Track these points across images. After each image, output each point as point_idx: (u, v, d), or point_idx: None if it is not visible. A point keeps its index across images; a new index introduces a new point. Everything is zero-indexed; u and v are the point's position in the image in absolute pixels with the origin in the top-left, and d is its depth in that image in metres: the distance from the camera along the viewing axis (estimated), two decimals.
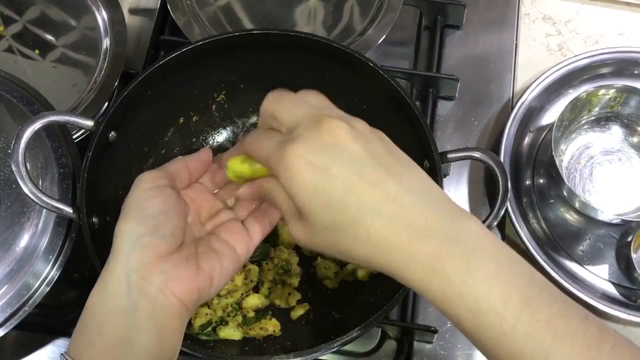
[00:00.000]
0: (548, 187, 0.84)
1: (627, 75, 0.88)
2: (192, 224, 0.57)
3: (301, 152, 0.46)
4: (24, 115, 0.75)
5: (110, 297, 0.49)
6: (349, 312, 0.73)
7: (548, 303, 0.43)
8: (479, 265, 0.44)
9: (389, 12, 0.88)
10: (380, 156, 0.47)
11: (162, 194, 0.53)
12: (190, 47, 0.72)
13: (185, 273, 0.50)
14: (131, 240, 0.50)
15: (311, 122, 0.47)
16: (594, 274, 0.80)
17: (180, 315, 0.50)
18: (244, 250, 0.56)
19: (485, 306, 0.43)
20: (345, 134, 0.46)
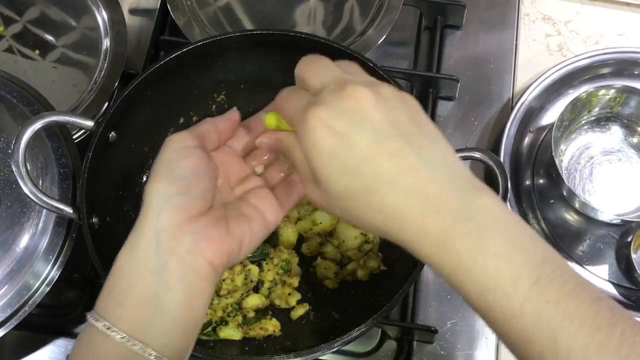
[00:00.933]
0: (548, 187, 0.84)
1: (627, 76, 0.88)
2: (221, 187, 0.56)
3: (322, 116, 0.45)
4: (24, 116, 0.75)
5: (139, 256, 0.48)
6: (349, 312, 0.73)
7: (560, 283, 0.42)
8: (490, 244, 0.43)
9: (389, 12, 0.88)
10: (403, 125, 0.46)
11: (193, 155, 0.52)
12: (190, 47, 0.72)
13: (215, 234, 0.50)
14: (161, 200, 0.49)
15: (336, 87, 0.47)
16: (594, 274, 0.80)
17: (209, 276, 0.49)
18: (273, 217, 0.55)
19: (494, 285, 0.43)
20: (368, 101, 0.45)
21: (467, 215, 0.44)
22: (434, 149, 0.46)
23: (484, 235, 0.43)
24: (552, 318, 0.42)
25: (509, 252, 0.43)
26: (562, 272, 0.43)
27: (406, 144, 0.45)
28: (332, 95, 0.46)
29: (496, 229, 0.44)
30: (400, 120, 0.46)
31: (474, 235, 0.43)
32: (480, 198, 0.45)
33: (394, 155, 0.45)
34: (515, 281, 0.42)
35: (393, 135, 0.45)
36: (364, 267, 0.74)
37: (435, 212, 0.44)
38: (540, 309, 0.42)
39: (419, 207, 0.44)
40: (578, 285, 0.43)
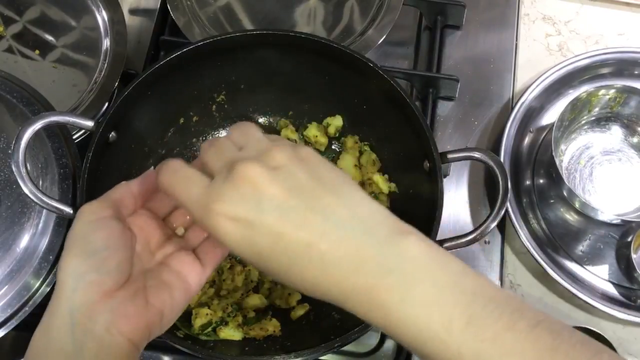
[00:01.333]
0: (548, 187, 0.84)
1: (627, 76, 0.88)
2: (141, 253, 0.53)
3: (222, 210, 0.44)
4: (24, 116, 0.75)
5: (54, 339, 0.47)
6: (349, 312, 0.73)
7: (494, 318, 0.42)
8: (415, 292, 0.42)
9: (389, 12, 0.88)
10: (303, 190, 0.44)
11: (107, 226, 0.50)
12: (190, 47, 0.72)
13: (132, 310, 0.48)
14: (74, 278, 0.47)
15: (227, 172, 0.45)
16: (594, 274, 0.80)
17: (128, 354, 0.47)
18: (196, 281, 0.53)
19: (428, 334, 0.42)
20: (261, 178, 0.44)
21: (387, 269, 0.43)
22: (341, 205, 0.45)
23: (407, 285, 0.42)
24: (491, 357, 0.41)
25: (436, 297, 0.42)
26: (495, 304, 0.42)
27: (309, 211, 0.44)
28: (226, 182, 0.45)
29: (420, 275, 0.43)
30: (300, 185, 0.45)
31: (397, 287, 0.42)
32: (399, 244, 0.43)
33: (301, 226, 0.43)
34: (447, 326, 0.41)
35: (295, 206, 0.44)
36: None
37: (354, 273, 0.43)
38: (478, 350, 0.41)
39: (338, 272, 0.43)
40: (514, 314, 0.42)
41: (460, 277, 0.43)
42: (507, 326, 0.41)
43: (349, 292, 0.44)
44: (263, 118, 0.83)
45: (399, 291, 0.42)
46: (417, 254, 0.43)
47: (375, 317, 0.44)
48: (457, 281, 0.43)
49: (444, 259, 0.44)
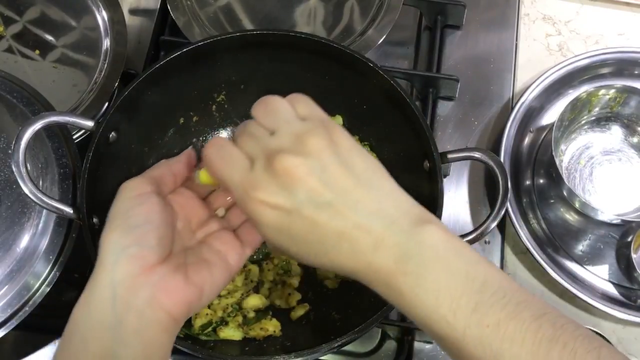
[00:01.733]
0: (548, 187, 0.84)
1: (627, 76, 0.88)
2: (182, 231, 0.55)
3: (262, 198, 0.47)
4: (24, 116, 0.75)
5: (94, 310, 0.47)
6: (349, 312, 0.73)
7: (500, 306, 0.45)
8: (428, 279, 0.46)
9: (389, 12, 0.88)
10: (337, 182, 0.47)
11: (148, 201, 0.52)
12: (190, 47, 0.72)
13: (174, 284, 0.49)
14: (116, 251, 0.48)
15: (265, 162, 0.48)
16: (594, 274, 0.80)
17: (168, 329, 0.48)
18: (236, 260, 0.55)
19: (436, 316, 0.45)
20: (299, 171, 0.47)
21: (407, 256, 0.46)
22: (370, 198, 0.48)
23: (422, 272, 0.46)
24: (492, 341, 0.44)
25: (447, 284, 0.46)
26: (502, 293, 0.45)
27: (343, 205, 0.47)
28: (265, 172, 0.47)
29: (435, 263, 0.46)
30: (334, 177, 0.47)
31: (413, 273, 0.46)
32: (421, 233, 0.47)
33: (334, 218, 0.47)
34: (455, 311, 0.45)
35: (330, 199, 0.47)
36: None
37: (379, 259, 0.47)
38: (481, 334, 0.44)
39: (365, 258, 0.47)
40: (519, 304, 0.45)
41: (473, 266, 0.47)
42: (512, 315, 0.45)
43: (372, 275, 0.47)
44: None
45: (414, 276, 0.46)
46: (435, 242, 0.47)
47: (393, 298, 0.48)
48: (470, 269, 0.46)
49: (459, 248, 0.47)
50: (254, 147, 0.49)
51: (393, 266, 0.46)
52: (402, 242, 0.47)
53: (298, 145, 0.48)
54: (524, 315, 0.45)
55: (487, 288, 0.45)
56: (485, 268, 0.47)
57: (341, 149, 0.49)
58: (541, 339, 0.44)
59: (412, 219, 0.48)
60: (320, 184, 0.47)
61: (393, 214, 0.48)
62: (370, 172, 0.49)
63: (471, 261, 0.47)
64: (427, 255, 0.46)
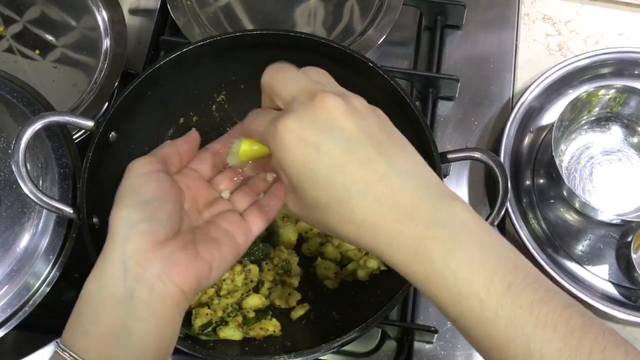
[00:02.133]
0: (548, 187, 0.84)
1: (627, 76, 0.88)
2: (189, 211, 0.55)
3: (293, 127, 0.45)
4: (24, 116, 0.75)
5: (106, 284, 0.48)
6: (349, 312, 0.73)
7: (532, 289, 0.43)
8: (462, 250, 0.44)
9: (389, 12, 0.88)
10: (373, 135, 0.46)
11: (156, 179, 0.52)
12: (190, 47, 0.72)
13: (184, 259, 0.49)
14: (127, 227, 0.49)
15: (306, 97, 0.47)
16: (594, 274, 0.80)
17: (179, 302, 0.49)
18: (243, 240, 0.55)
19: (467, 291, 0.43)
20: (339, 110, 0.46)
21: (439, 223, 0.44)
22: (404, 158, 0.47)
23: (456, 242, 0.44)
24: (525, 324, 0.42)
25: (481, 259, 0.43)
26: (533, 278, 0.44)
27: (376, 153, 0.45)
28: (302, 105, 0.46)
29: (468, 236, 0.44)
30: (371, 129, 0.46)
31: (446, 242, 0.44)
32: (451, 205, 0.45)
33: (364, 164, 0.45)
34: (489, 287, 0.43)
35: (364, 144, 0.45)
36: (364, 267, 0.74)
37: (406, 220, 0.44)
38: (514, 315, 0.42)
39: (390, 215, 0.45)
40: (549, 292, 0.44)
41: (504, 248, 0.45)
42: (544, 300, 0.43)
43: (394, 239, 0.45)
44: None
45: (447, 245, 0.44)
46: (466, 216, 0.45)
47: (417, 268, 0.44)
48: (501, 250, 0.45)
49: (490, 229, 0.46)
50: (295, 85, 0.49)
51: (422, 231, 0.44)
52: (434, 208, 0.44)
53: (343, 96, 0.47)
54: (555, 301, 0.43)
55: (519, 270, 0.44)
56: (514, 252, 0.45)
57: (381, 117, 0.49)
58: (573, 328, 0.42)
59: (443, 191, 0.46)
60: (357, 128, 0.46)
61: (426, 181, 0.46)
62: (405, 142, 0.49)
63: (502, 243, 0.45)
64: (460, 227, 0.44)
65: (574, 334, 0.42)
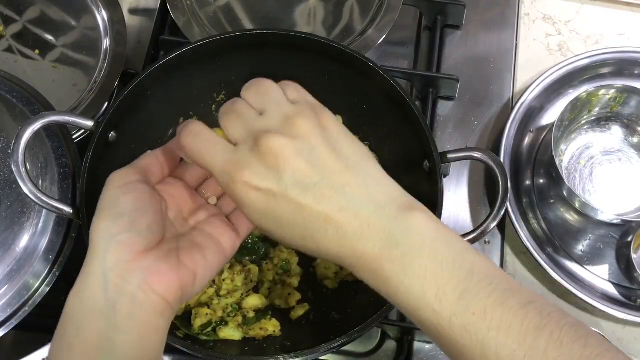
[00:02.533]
0: (548, 187, 0.84)
1: (627, 76, 0.88)
2: (174, 220, 0.55)
3: (246, 179, 0.47)
4: (24, 115, 0.75)
5: (87, 297, 0.48)
6: (349, 312, 0.73)
7: (486, 293, 0.44)
8: (415, 266, 0.45)
9: (389, 12, 0.88)
10: (324, 166, 0.47)
11: (135, 189, 0.52)
12: (190, 47, 0.72)
13: (165, 268, 0.49)
14: (106, 239, 0.49)
15: (252, 144, 0.48)
16: (594, 274, 0.80)
17: (162, 313, 0.48)
18: (230, 244, 0.55)
19: (422, 304, 0.45)
20: (286, 152, 0.47)
21: (393, 242, 0.46)
22: (357, 183, 0.48)
23: (409, 258, 0.45)
24: (478, 329, 0.43)
25: (434, 270, 0.45)
26: (489, 281, 0.45)
27: (329, 188, 0.47)
28: (251, 153, 0.47)
29: (422, 249, 0.46)
30: (321, 158, 0.47)
31: (400, 260, 0.46)
32: (407, 221, 0.47)
33: (320, 201, 0.47)
34: (441, 298, 0.44)
35: (316, 182, 0.47)
36: None
37: (364, 245, 0.46)
38: (467, 322, 0.44)
39: (349, 244, 0.47)
40: (506, 292, 0.45)
41: (461, 254, 0.46)
42: (498, 302, 0.44)
43: (358, 261, 0.47)
44: None
45: (400, 263, 0.46)
46: (423, 229, 0.46)
47: (378, 284, 0.47)
48: (457, 257, 0.46)
49: (448, 236, 0.47)
50: (240, 127, 0.49)
51: (379, 252, 0.46)
52: (388, 228, 0.46)
53: (286, 127, 0.48)
54: (510, 302, 0.44)
55: (474, 275, 0.45)
56: (473, 256, 0.46)
57: (330, 132, 0.49)
58: (527, 327, 0.43)
59: (400, 205, 0.47)
60: (307, 166, 0.47)
61: (381, 200, 0.47)
62: (358, 157, 0.49)
63: (459, 249, 0.46)
64: (414, 242, 0.46)
65: (529, 334, 0.43)
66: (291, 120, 0.48)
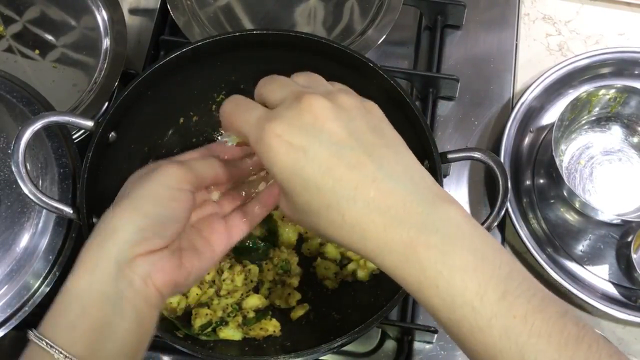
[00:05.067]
0: (548, 187, 0.84)
1: (627, 76, 0.88)
2: None
3: (280, 132, 0.44)
4: (24, 115, 0.75)
5: (97, 281, 0.48)
6: (349, 312, 0.73)
7: (526, 298, 0.42)
8: (455, 257, 0.42)
9: (389, 12, 0.88)
10: (363, 136, 0.45)
11: (182, 200, 0.51)
12: (190, 47, 0.72)
13: (169, 267, 0.50)
14: (130, 231, 0.48)
15: (293, 100, 0.46)
16: (594, 274, 0.80)
17: (157, 305, 0.50)
18: (221, 249, 0.56)
19: (461, 300, 0.42)
20: (326, 112, 0.45)
21: (431, 227, 0.43)
22: (396, 160, 0.45)
23: (448, 247, 0.43)
24: (519, 334, 0.41)
25: (474, 265, 0.42)
26: (527, 285, 0.43)
27: (366, 155, 0.44)
28: (289, 109, 0.45)
29: (461, 241, 0.43)
30: (361, 130, 0.45)
31: (438, 247, 0.43)
32: (444, 209, 0.44)
33: (354, 167, 0.44)
34: (482, 295, 0.42)
35: (352, 147, 0.44)
36: (364, 267, 0.74)
37: (397, 225, 0.43)
38: (508, 324, 0.42)
39: (380, 220, 0.43)
40: (544, 299, 0.43)
41: (498, 253, 0.44)
42: (538, 309, 0.42)
43: (385, 245, 0.44)
44: None
45: (439, 251, 0.42)
46: (459, 220, 0.44)
47: (409, 274, 0.43)
48: (495, 256, 0.43)
49: (484, 233, 0.44)
50: (280, 91, 0.48)
51: (414, 236, 0.43)
52: (426, 212, 0.43)
53: (330, 96, 0.46)
54: (549, 310, 0.42)
55: (514, 277, 0.43)
56: (509, 257, 0.44)
57: (372, 115, 0.47)
58: (567, 338, 0.41)
59: (436, 193, 0.45)
60: (345, 130, 0.44)
61: (419, 182, 0.45)
62: (399, 141, 0.47)
63: (496, 248, 0.44)
64: (453, 232, 0.43)
65: (569, 344, 0.41)
66: (335, 94, 0.47)
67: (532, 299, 0.42)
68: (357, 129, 0.45)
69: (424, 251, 0.43)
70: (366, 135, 0.45)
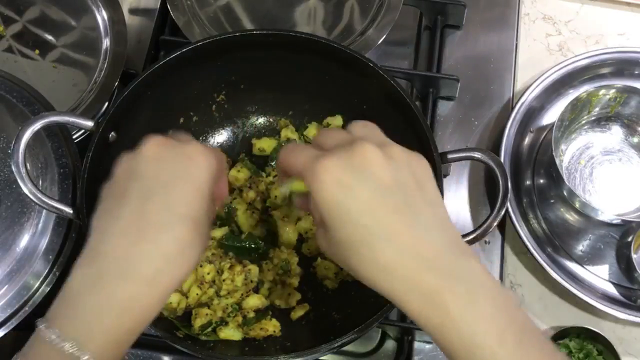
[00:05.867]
0: (548, 187, 0.84)
1: (627, 76, 0.88)
2: None
3: (330, 167, 0.48)
4: (24, 115, 0.75)
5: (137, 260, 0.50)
6: (349, 312, 0.73)
7: (538, 347, 0.47)
8: (478, 304, 0.46)
9: (389, 12, 0.88)
10: (407, 187, 0.48)
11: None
12: (190, 47, 0.72)
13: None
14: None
15: (347, 144, 0.49)
16: (594, 274, 0.80)
17: None
18: None
19: (482, 341, 0.45)
20: (376, 160, 0.48)
21: (458, 277, 0.47)
22: (433, 215, 0.49)
23: (472, 296, 0.46)
24: None
25: (495, 315, 0.46)
26: (538, 337, 0.48)
27: (406, 205, 0.48)
28: (342, 150, 0.49)
29: (484, 292, 0.47)
30: (405, 181, 0.49)
31: (463, 295, 0.46)
32: (469, 262, 0.48)
33: (394, 212, 0.47)
34: (501, 341, 0.45)
35: (394, 194, 0.48)
36: None
37: (427, 270, 0.47)
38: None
39: (411, 264, 0.47)
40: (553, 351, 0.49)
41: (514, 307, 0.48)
42: (548, 356, 0.48)
43: (413, 288, 0.47)
44: (263, 118, 0.83)
45: (464, 297, 0.46)
46: (482, 275, 0.48)
47: (432, 316, 0.47)
48: (511, 308, 0.48)
49: (501, 287, 0.49)
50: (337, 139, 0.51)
51: (443, 282, 0.46)
52: (454, 264, 0.47)
53: (382, 146, 0.49)
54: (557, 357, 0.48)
55: (527, 329, 0.47)
56: (522, 312, 0.48)
57: (420, 169, 0.50)
58: None
59: (462, 248, 0.49)
60: (391, 179, 0.48)
61: (449, 236, 0.49)
62: (437, 199, 0.51)
63: (512, 303, 0.48)
64: (477, 283, 0.47)
65: None
66: (388, 145, 0.50)
67: (544, 347, 0.48)
68: (402, 179, 0.49)
69: (450, 297, 0.46)
70: (409, 186, 0.49)
